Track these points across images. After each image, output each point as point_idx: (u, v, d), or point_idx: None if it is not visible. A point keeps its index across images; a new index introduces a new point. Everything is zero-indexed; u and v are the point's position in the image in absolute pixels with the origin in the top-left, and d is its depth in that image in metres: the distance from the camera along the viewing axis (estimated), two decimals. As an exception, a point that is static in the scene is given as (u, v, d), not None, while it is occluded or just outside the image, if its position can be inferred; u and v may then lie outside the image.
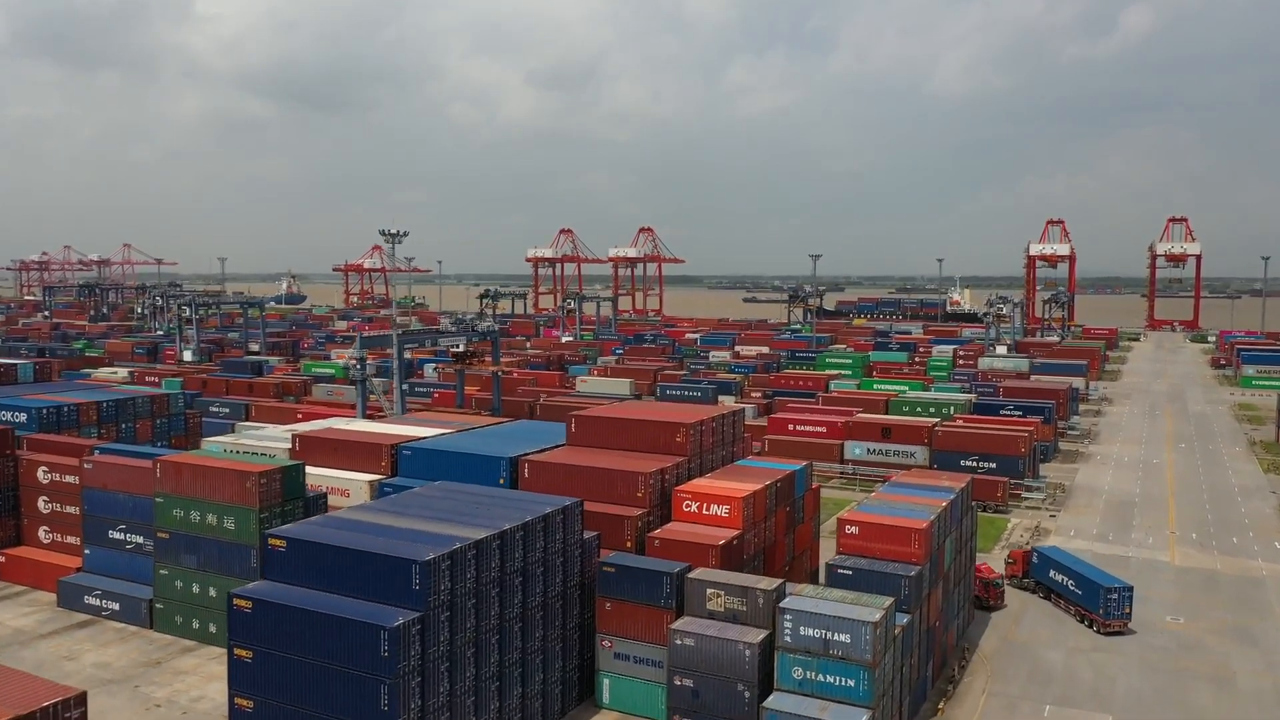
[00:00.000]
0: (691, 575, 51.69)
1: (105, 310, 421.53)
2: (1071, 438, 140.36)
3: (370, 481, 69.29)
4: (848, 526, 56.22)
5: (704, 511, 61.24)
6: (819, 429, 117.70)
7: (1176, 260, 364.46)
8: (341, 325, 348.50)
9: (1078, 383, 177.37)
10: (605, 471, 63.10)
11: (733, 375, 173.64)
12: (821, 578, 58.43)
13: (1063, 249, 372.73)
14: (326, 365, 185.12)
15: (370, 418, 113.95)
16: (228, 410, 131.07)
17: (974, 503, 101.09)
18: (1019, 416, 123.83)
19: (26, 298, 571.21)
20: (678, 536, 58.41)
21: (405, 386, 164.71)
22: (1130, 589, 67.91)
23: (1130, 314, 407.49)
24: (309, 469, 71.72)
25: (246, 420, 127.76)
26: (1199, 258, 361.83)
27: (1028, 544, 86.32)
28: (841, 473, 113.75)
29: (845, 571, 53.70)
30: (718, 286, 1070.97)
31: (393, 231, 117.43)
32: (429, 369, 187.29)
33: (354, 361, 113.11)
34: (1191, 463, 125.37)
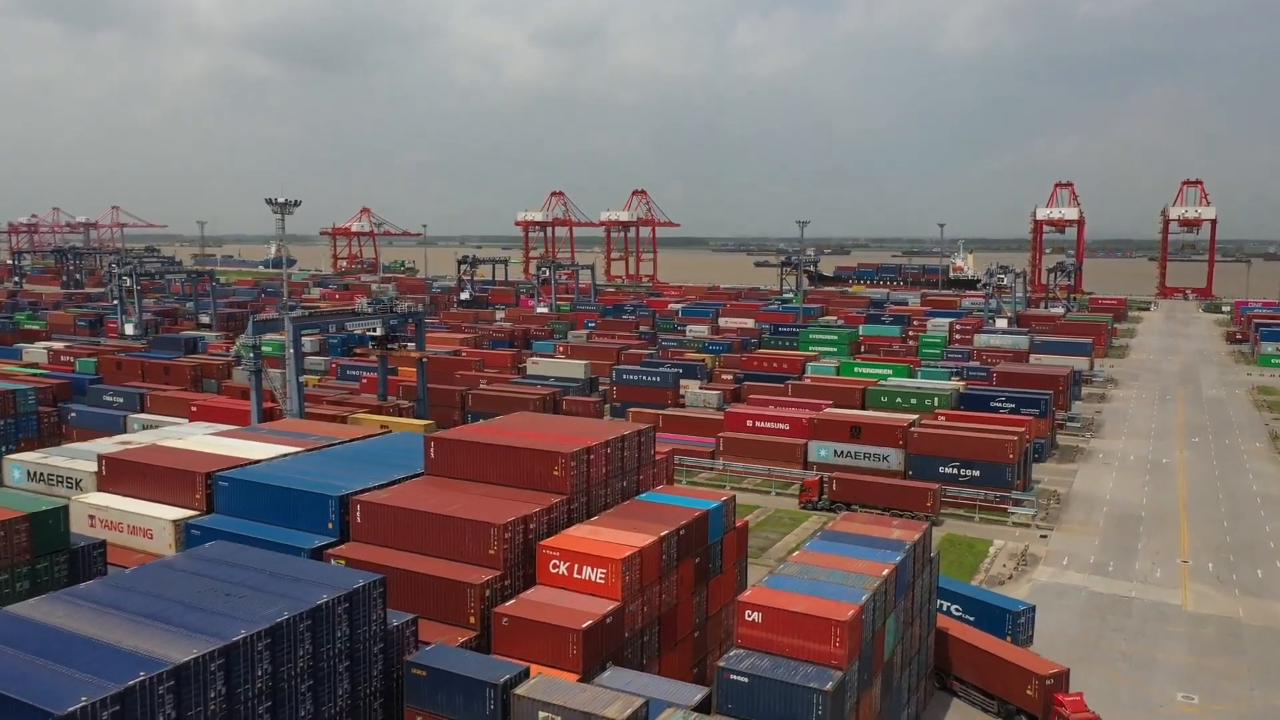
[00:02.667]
0: (520, 690, 37.44)
1: (80, 276, 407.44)
2: (1071, 430, 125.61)
3: (176, 521, 55.08)
4: (748, 612, 41.82)
5: (575, 574, 46.95)
6: (781, 426, 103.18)
7: (1190, 225, 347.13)
8: (316, 293, 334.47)
9: (1081, 363, 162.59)
10: (448, 520, 48.74)
11: (702, 355, 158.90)
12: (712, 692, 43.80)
13: (1071, 213, 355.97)
14: (267, 341, 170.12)
15: (270, 415, 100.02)
16: (121, 400, 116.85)
17: (902, 513, 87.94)
18: (1010, 412, 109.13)
19: (9, 262, 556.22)
20: (531, 614, 44.18)
21: (308, 370, 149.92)
22: (1033, 608, 61.41)
23: (1140, 279, 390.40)
24: (115, 502, 58.28)
25: (141, 412, 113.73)
26: (1214, 222, 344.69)
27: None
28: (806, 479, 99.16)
29: (739, 679, 39.41)
30: (722, 249, 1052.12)
31: (280, 200, 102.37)
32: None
33: (246, 349, 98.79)
34: (1206, 463, 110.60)
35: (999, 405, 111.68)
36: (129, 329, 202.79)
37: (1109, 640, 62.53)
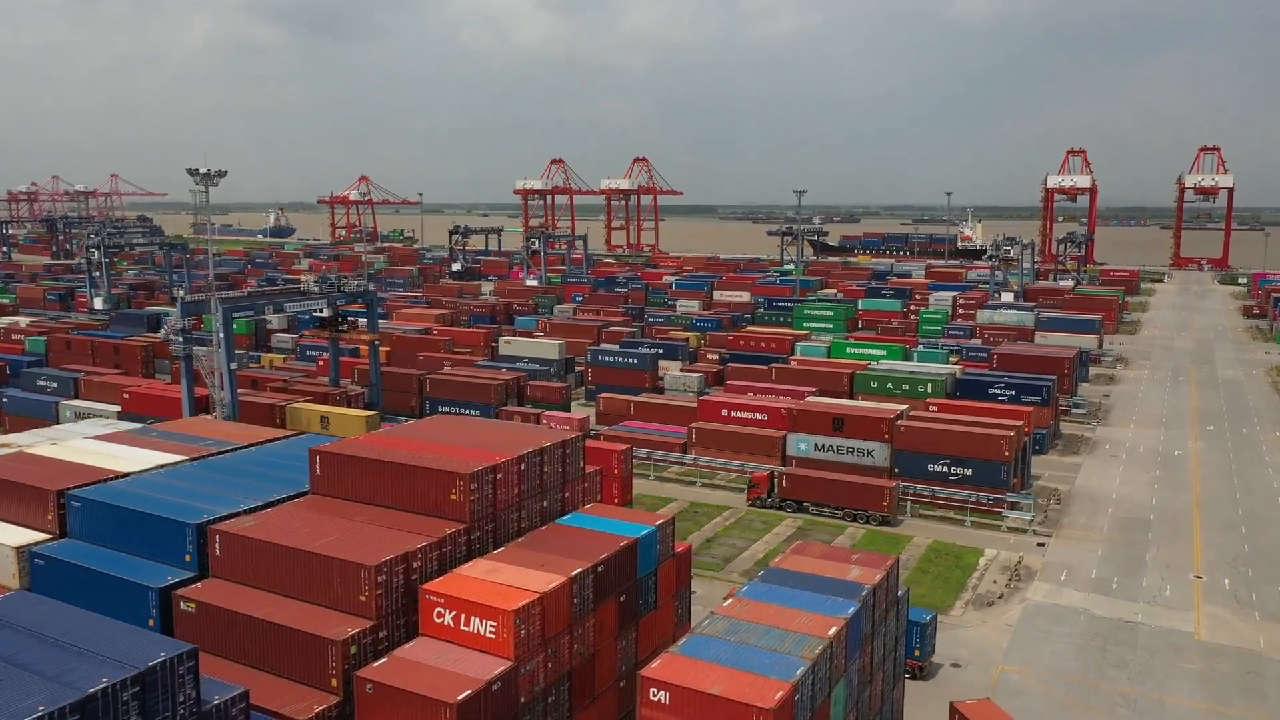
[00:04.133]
0: (351, 801, 29.61)
1: (70, 246, 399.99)
2: (1076, 416, 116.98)
3: (19, 548, 47.16)
4: (653, 690, 33.92)
5: (462, 626, 39.00)
6: (758, 416, 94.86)
7: (1207, 194, 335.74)
8: (305, 264, 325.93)
9: (1089, 342, 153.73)
10: (314, 557, 40.76)
11: (687, 333, 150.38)
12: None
13: (1083, 181, 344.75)
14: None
15: (204, 408, 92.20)
16: (55, 385, 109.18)
17: (858, 512, 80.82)
18: (1009, 400, 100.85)
19: (14, 232, 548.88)
20: (400, 679, 36.25)
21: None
22: (935, 616, 57.19)
23: (1154, 249, 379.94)
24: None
25: (75, 398, 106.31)
26: (1231, 190, 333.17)
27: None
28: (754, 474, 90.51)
29: (636, 779, 31.49)
30: (730, 217, 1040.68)
31: (203, 170, 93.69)
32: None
33: (174, 333, 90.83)
34: (1222, 455, 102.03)
35: (997, 392, 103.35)
36: (98, 303, 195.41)
37: (1110, 679, 54.47)
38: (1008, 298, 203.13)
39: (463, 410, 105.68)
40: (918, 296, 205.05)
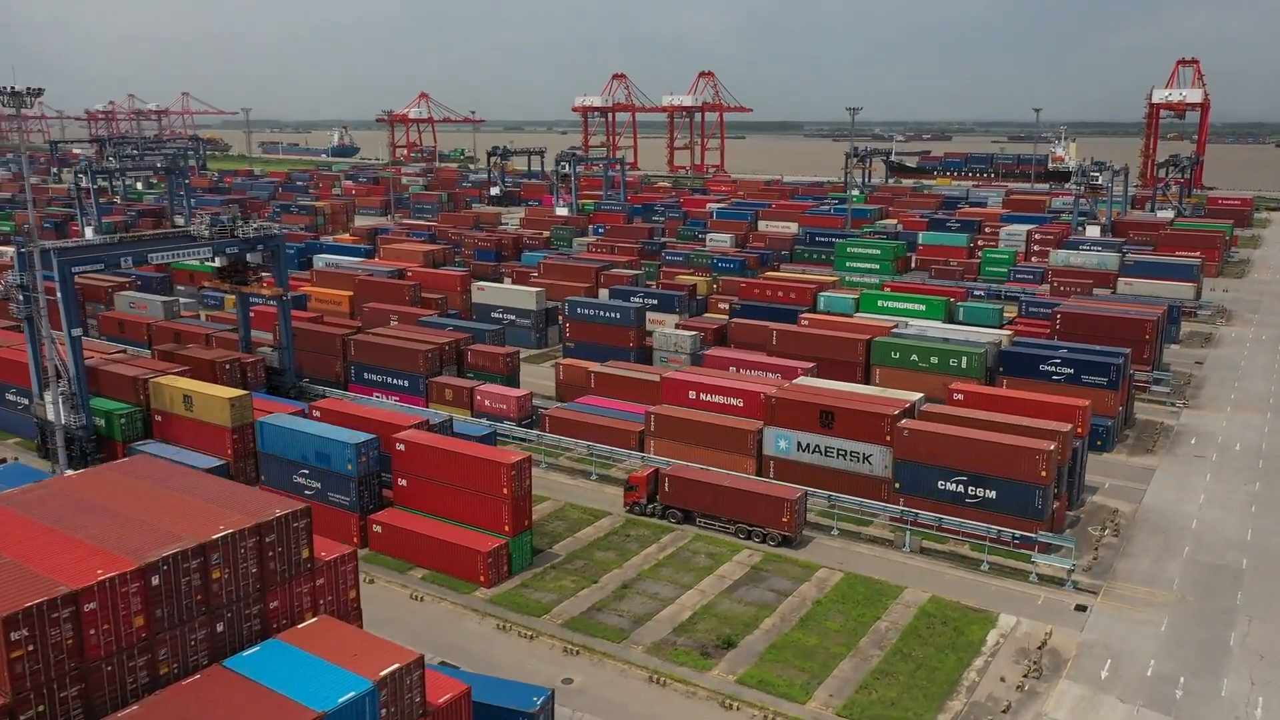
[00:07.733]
0: None
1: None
2: (1156, 395, 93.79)
3: None
4: None
5: None
6: (731, 401, 74.58)
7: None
8: (339, 189, 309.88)
9: (1185, 291, 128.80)
10: None
11: (694, 278, 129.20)
12: None
13: (1194, 95, 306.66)
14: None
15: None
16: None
17: (753, 528, 61.97)
18: (1067, 380, 79.05)
19: (76, 151, 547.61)
20: None
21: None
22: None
23: (1273, 170, 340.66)
24: None
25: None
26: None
27: None
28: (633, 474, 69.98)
29: None
30: (816, 134, 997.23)
31: (11, 89, 74.98)
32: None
33: (14, 290, 74.26)
34: (1346, 458, 78.66)
35: (1051, 369, 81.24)
36: (89, 233, 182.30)
37: None
38: (1093, 232, 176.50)
39: (390, 380, 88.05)
40: (987, 230, 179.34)
